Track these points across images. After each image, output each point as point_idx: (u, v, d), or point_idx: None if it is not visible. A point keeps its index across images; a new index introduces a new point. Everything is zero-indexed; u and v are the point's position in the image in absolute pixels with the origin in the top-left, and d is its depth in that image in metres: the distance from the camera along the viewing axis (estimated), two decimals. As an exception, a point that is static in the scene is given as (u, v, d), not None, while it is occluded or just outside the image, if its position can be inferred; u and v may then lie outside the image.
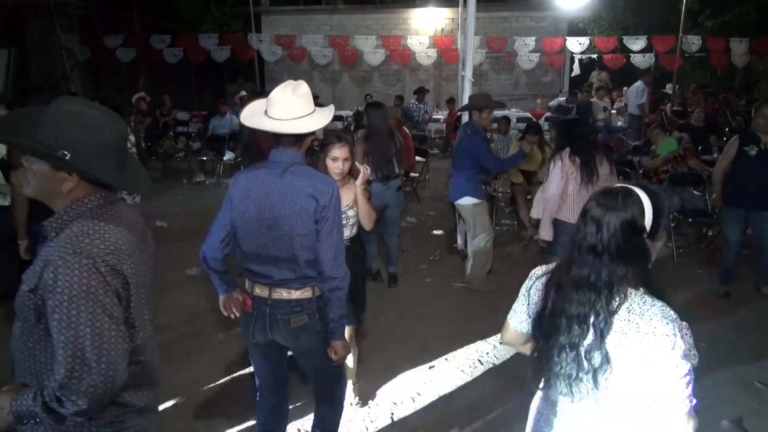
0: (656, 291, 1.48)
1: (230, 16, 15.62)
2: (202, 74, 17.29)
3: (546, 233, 4.07)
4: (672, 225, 5.89)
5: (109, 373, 1.40)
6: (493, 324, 4.32)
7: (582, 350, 1.47)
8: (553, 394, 1.60)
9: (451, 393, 3.53)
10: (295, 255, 2.18)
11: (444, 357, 3.93)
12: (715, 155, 7.87)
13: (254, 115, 2.23)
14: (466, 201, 4.82)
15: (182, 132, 10.98)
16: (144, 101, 10.66)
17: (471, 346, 4.07)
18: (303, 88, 2.21)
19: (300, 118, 2.16)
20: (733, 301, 4.74)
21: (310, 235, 2.16)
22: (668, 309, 1.43)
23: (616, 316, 1.44)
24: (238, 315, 2.41)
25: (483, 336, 4.20)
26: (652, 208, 1.46)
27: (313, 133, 2.26)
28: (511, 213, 7.30)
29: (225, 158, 9.63)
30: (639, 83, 11.90)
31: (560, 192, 3.92)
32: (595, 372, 1.46)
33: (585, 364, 1.47)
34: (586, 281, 1.47)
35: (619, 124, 11.77)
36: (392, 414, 3.31)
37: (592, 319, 1.46)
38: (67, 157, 1.40)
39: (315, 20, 15.75)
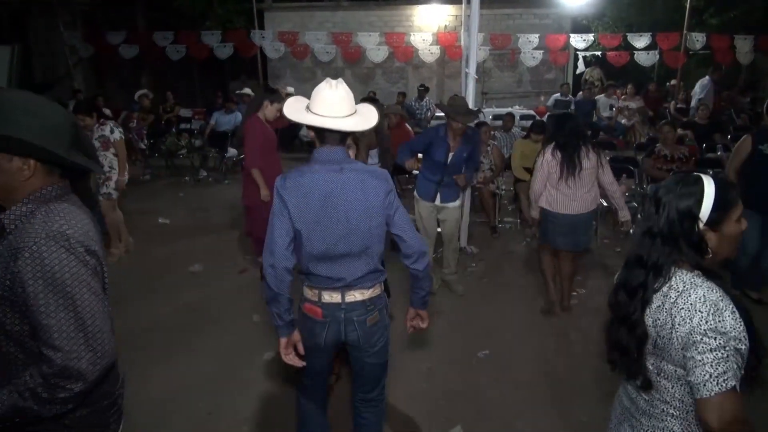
0: (713, 276, 1.49)
1: (233, 12, 15.58)
2: (205, 71, 17.29)
3: (534, 213, 4.51)
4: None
5: (106, 349, 1.43)
6: (494, 322, 4.36)
7: (629, 324, 1.57)
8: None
9: (452, 392, 3.51)
10: (369, 248, 2.22)
11: (444, 356, 3.92)
12: (719, 153, 7.83)
13: (298, 111, 2.23)
14: (414, 194, 4.79)
15: (185, 129, 10.95)
16: (147, 98, 10.65)
17: (473, 343, 4.05)
18: (345, 86, 2.23)
19: (346, 117, 2.17)
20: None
21: (381, 226, 2.23)
22: (714, 291, 1.44)
23: (659, 292, 1.53)
24: (301, 364, 2.33)
25: (486, 334, 4.20)
26: (714, 199, 1.49)
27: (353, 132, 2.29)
28: (514, 211, 7.28)
29: (227, 155, 9.63)
30: (705, 79, 11.74)
31: (543, 185, 4.30)
32: (637, 344, 1.55)
33: (629, 337, 1.57)
34: (639, 260, 1.57)
35: (623, 122, 11.71)
36: (391, 413, 3.30)
37: (640, 294, 1.55)
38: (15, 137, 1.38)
39: (318, 17, 15.71)
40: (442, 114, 13.08)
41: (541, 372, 3.72)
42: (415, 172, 5.09)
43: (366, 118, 2.25)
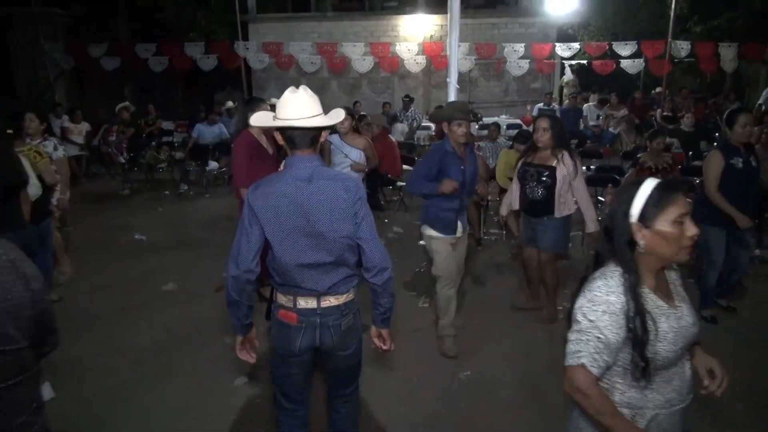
0: (630, 272, 1.62)
1: (217, 24, 15.45)
2: (189, 83, 17.11)
3: (503, 210, 4.52)
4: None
5: None
6: (477, 340, 4.18)
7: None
8: None
9: (433, 417, 3.34)
10: (342, 256, 2.22)
11: (424, 378, 3.74)
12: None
13: (265, 119, 2.28)
14: (424, 230, 4.01)
15: (166, 142, 10.76)
16: (127, 111, 10.47)
17: (454, 363, 3.89)
18: (309, 91, 2.23)
19: (313, 117, 2.17)
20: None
21: (352, 235, 2.22)
22: (608, 285, 1.62)
23: (588, 281, 1.71)
24: (253, 359, 2.39)
25: (468, 354, 4.03)
26: (648, 196, 1.60)
27: (323, 133, 2.28)
28: (500, 222, 7.14)
29: (209, 168, 9.45)
30: None
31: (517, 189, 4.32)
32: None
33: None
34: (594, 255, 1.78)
35: (610, 130, 11.66)
36: (370, 440, 3.12)
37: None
38: None
39: (303, 27, 15.61)
40: (431, 124, 13.10)
41: (528, 393, 3.55)
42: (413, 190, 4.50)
43: (333, 115, 2.27)
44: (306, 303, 2.24)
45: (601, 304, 1.60)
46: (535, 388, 3.60)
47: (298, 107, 2.15)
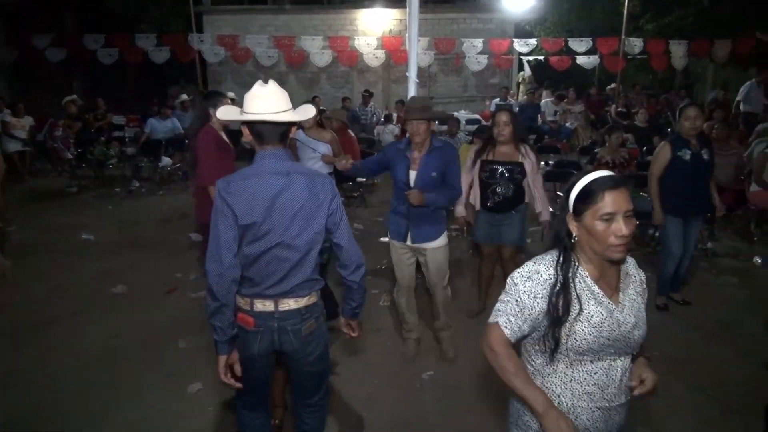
0: (565, 252, 1.66)
1: (169, 15, 14.95)
2: (141, 76, 16.53)
3: (459, 210, 4.20)
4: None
5: None
6: (434, 338, 4.10)
7: None
8: None
9: (396, 421, 3.26)
10: (310, 253, 2.17)
11: (385, 379, 3.66)
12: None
13: (233, 113, 2.23)
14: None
15: (117, 137, 10.34)
16: (74, 105, 10.01)
17: (416, 363, 3.82)
18: (277, 85, 2.18)
19: (283, 112, 2.12)
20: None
21: (322, 232, 2.19)
22: (541, 264, 1.66)
23: None
24: (239, 385, 2.26)
25: (430, 352, 3.97)
26: (580, 190, 1.62)
27: (292, 129, 2.22)
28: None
29: (161, 164, 9.12)
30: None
31: (468, 184, 4.17)
32: None
33: None
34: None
35: (567, 125, 11.83)
36: (331, 446, 3.02)
37: None
38: None
39: (259, 20, 15.27)
40: (393, 119, 12.99)
41: (491, 392, 3.51)
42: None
43: (302, 111, 2.23)
44: (263, 306, 2.17)
45: (529, 272, 1.66)
46: (499, 386, 3.56)
47: (268, 101, 2.09)
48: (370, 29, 15.14)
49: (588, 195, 1.58)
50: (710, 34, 13.76)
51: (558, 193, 7.70)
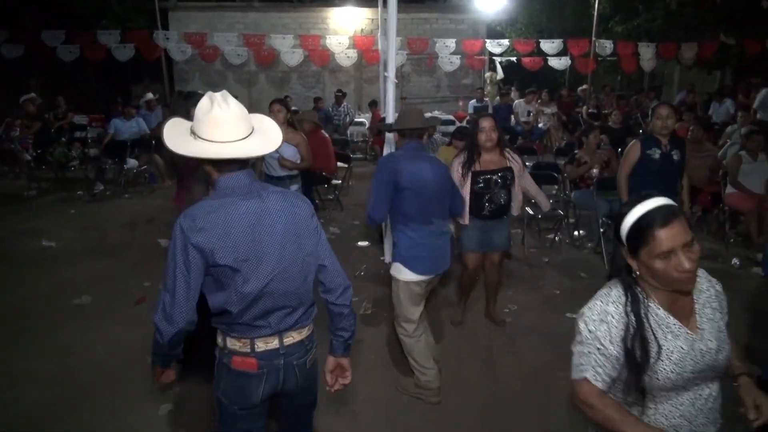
0: (628, 289, 1.56)
1: (133, 11, 14.45)
2: (104, 75, 15.96)
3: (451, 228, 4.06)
4: (601, 231, 5.78)
5: None
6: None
7: None
8: None
9: (383, 437, 3.09)
10: (307, 280, 1.95)
11: (369, 394, 3.48)
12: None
13: (183, 139, 1.83)
14: (392, 270, 3.30)
15: (78, 138, 9.89)
16: (32, 104, 9.51)
17: (400, 377, 3.64)
18: (235, 100, 1.85)
19: (246, 138, 1.84)
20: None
21: (314, 254, 1.97)
22: (607, 303, 1.55)
23: None
24: (174, 377, 2.04)
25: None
26: (629, 229, 1.51)
27: None
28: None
29: (127, 166, 8.74)
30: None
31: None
32: None
33: None
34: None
35: (540, 125, 11.85)
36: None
37: None
38: None
39: (228, 17, 14.91)
40: (364, 120, 12.80)
41: (478, 406, 3.36)
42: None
43: (268, 137, 1.93)
44: (266, 344, 1.89)
45: (599, 313, 1.54)
46: (485, 400, 3.43)
47: (228, 126, 1.79)
48: (342, 28, 14.94)
49: (640, 234, 1.46)
50: (677, 36, 13.99)
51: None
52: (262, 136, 1.89)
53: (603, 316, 1.53)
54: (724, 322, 1.60)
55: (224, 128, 1.78)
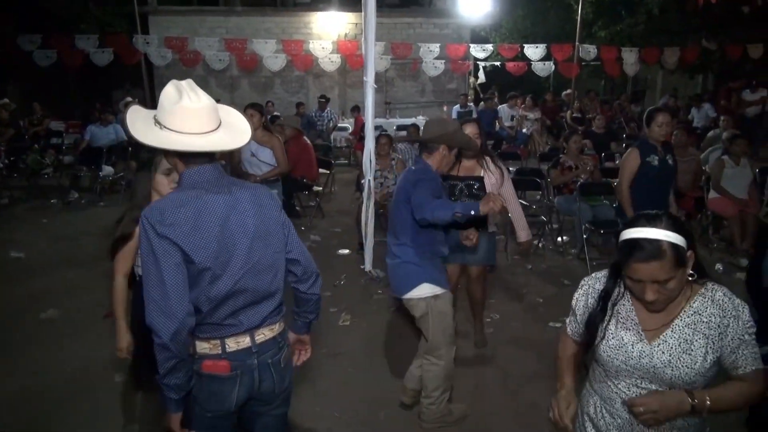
0: (609, 279, 1.76)
1: (113, 15, 14.22)
2: (84, 80, 15.70)
3: None
4: (584, 236, 5.70)
5: None
6: (404, 362, 3.72)
7: None
8: None
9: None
10: (277, 275, 1.91)
11: (347, 409, 3.35)
12: (617, 162, 7.92)
13: (149, 129, 1.74)
14: (420, 291, 2.91)
15: (53, 144, 9.66)
16: (5, 110, 9.29)
17: (379, 391, 3.52)
18: (201, 90, 1.78)
19: (215, 130, 1.78)
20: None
21: (284, 249, 1.94)
22: (592, 279, 1.81)
23: None
24: None
25: (394, 378, 3.67)
26: (618, 247, 1.63)
27: None
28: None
29: (102, 174, 8.53)
30: None
31: None
32: None
33: None
34: None
35: (524, 131, 11.82)
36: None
37: None
38: None
39: (209, 22, 14.73)
40: (347, 125, 12.68)
41: (461, 426, 3.24)
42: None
43: (237, 129, 1.87)
44: (237, 344, 1.82)
45: (586, 281, 1.81)
46: (468, 417, 3.31)
47: (197, 117, 1.73)
48: (325, 33, 14.83)
49: (622, 254, 1.57)
50: (659, 41, 14.08)
51: (520, 201, 7.55)
52: (230, 130, 1.84)
53: (586, 289, 1.78)
54: (710, 350, 1.57)
55: (194, 120, 1.72)
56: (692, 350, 1.58)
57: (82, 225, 7.27)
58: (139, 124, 1.75)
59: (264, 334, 1.87)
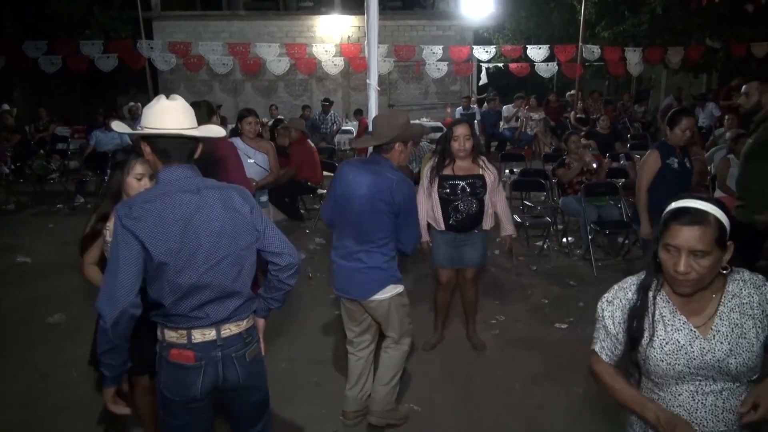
0: (648, 273, 1.69)
1: (117, 21, 14.29)
2: (89, 85, 15.79)
3: (425, 235, 3.75)
4: (589, 237, 5.68)
5: None
6: (410, 364, 3.73)
7: None
8: None
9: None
10: (242, 273, 1.98)
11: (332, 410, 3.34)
12: (622, 162, 7.89)
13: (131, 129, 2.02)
14: (383, 294, 2.93)
15: (59, 150, 9.71)
16: (10, 115, 9.35)
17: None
18: (182, 99, 1.99)
19: (189, 129, 1.93)
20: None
21: (252, 247, 2.01)
22: (611, 292, 1.74)
23: None
24: (128, 410, 2.01)
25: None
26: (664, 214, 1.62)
27: (199, 147, 2.00)
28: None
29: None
30: None
31: (425, 200, 3.71)
32: None
33: None
34: None
35: (528, 131, 11.81)
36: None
37: None
38: None
39: (212, 26, 14.80)
40: (351, 128, 12.70)
41: (465, 424, 3.23)
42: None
43: (212, 131, 2.08)
44: (203, 336, 1.93)
45: (612, 296, 1.71)
46: (475, 421, 3.30)
47: (172, 114, 1.89)
48: (328, 36, 14.86)
49: (666, 220, 1.56)
50: (663, 41, 14.03)
51: (525, 202, 7.56)
52: (206, 130, 2.01)
53: (613, 298, 1.69)
54: (760, 330, 1.58)
55: (169, 115, 1.87)
56: (745, 333, 1.56)
57: (88, 230, 7.29)
58: (123, 127, 2.06)
59: (230, 330, 1.97)
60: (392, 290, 2.93)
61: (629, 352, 1.66)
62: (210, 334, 1.93)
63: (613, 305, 1.69)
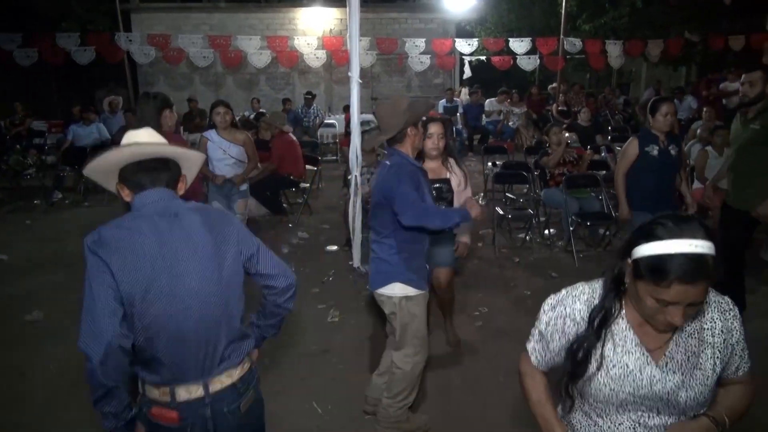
0: (606, 294, 1.49)
1: (95, 13, 14.02)
2: (66, 79, 15.48)
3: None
4: (571, 229, 5.73)
5: None
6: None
7: None
8: None
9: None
10: (229, 307, 1.73)
11: (336, 404, 3.34)
12: (603, 154, 7.97)
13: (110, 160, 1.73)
14: (391, 290, 2.86)
15: (35, 144, 9.53)
16: (-14, 110, 9.14)
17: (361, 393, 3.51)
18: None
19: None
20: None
21: (239, 275, 1.78)
22: (557, 296, 1.56)
23: None
24: None
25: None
26: (650, 255, 1.30)
27: (181, 181, 1.84)
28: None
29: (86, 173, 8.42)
30: None
31: None
32: None
33: None
34: None
35: (510, 124, 11.87)
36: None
37: None
38: None
39: (192, 19, 14.60)
40: (334, 121, 12.63)
41: (451, 413, 3.25)
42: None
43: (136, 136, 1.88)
44: (189, 393, 1.68)
45: (557, 301, 1.53)
46: (459, 406, 3.32)
47: (144, 134, 1.78)
48: (310, 29, 14.75)
49: (656, 271, 1.26)
50: (643, 34, 14.16)
51: (507, 194, 7.60)
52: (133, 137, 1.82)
53: (556, 305, 1.52)
54: (718, 361, 1.41)
55: (137, 136, 1.76)
56: (701, 364, 1.39)
57: (67, 226, 7.18)
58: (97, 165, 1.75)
59: (221, 382, 1.72)
60: (400, 290, 2.82)
61: (565, 380, 1.48)
62: (197, 390, 1.69)
63: (555, 312, 1.51)
